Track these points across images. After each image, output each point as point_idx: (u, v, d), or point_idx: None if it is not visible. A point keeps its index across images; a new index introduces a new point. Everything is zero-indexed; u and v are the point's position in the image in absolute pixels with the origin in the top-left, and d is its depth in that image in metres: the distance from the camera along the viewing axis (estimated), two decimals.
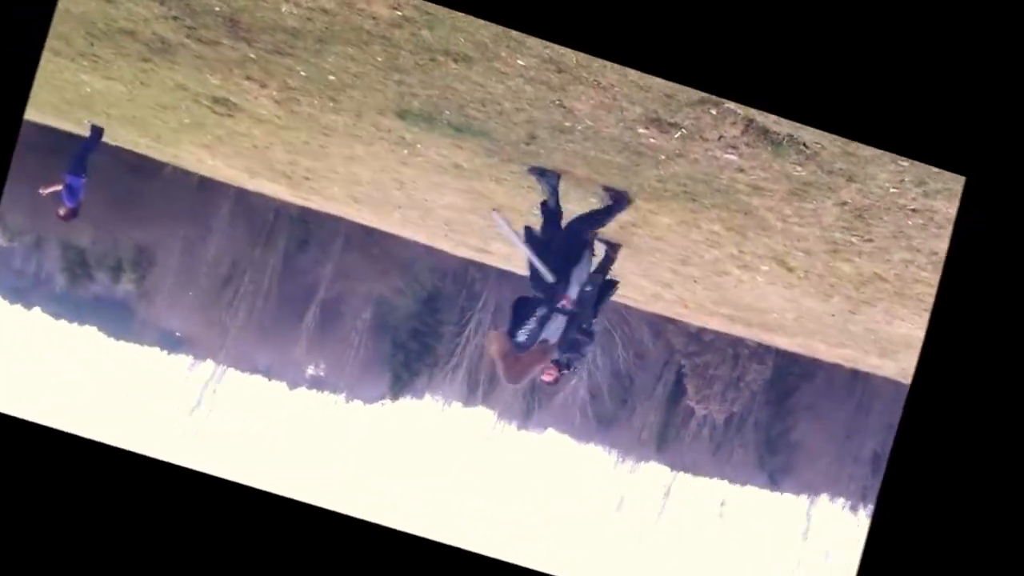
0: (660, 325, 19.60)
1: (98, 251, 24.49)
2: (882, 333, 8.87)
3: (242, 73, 6.46)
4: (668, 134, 5.11)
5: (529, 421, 22.63)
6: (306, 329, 22.61)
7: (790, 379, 20.06)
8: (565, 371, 6.65)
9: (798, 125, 4.60)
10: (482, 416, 22.92)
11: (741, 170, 5.32)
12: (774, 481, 21.81)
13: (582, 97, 4.95)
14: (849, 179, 4.99)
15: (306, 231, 21.50)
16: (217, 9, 5.45)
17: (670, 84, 4.52)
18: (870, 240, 5.84)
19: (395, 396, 23.21)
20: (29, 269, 27.11)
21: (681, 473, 22.28)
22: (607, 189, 6.46)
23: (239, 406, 24.98)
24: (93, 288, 26.51)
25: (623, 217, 7.02)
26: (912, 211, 5.17)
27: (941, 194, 4.84)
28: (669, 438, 21.96)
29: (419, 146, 6.88)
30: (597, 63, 4.50)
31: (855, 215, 5.47)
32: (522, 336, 6.03)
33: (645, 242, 7.81)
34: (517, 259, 12.41)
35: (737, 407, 20.81)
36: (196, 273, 23.18)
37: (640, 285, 10.12)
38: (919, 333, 8.25)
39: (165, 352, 25.94)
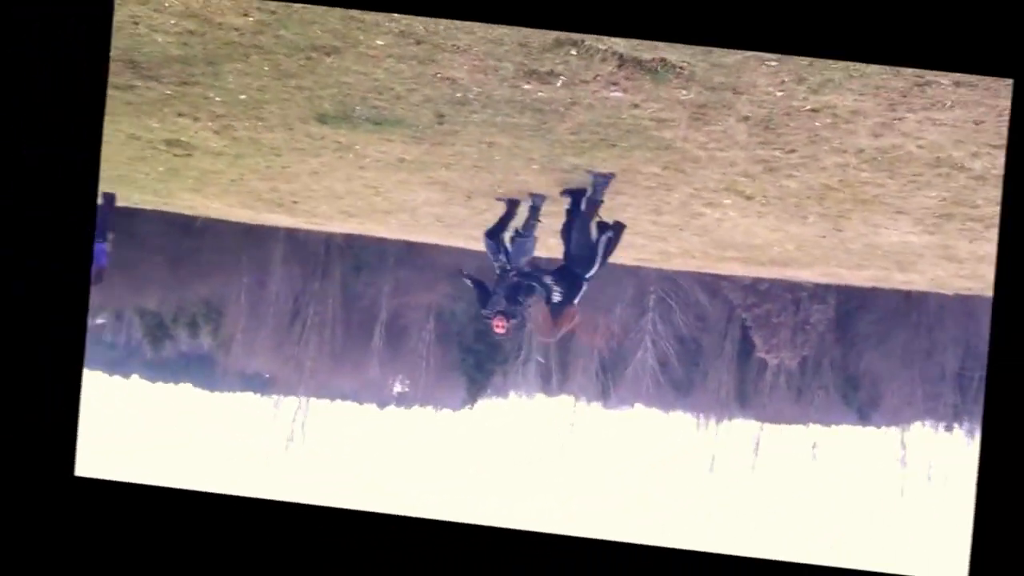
0: (713, 283, 19.33)
1: (170, 312, 25.22)
2: (881, 246, 8.64)
3: (171, 111, 6.64)
4: (551, 84, 5.11)
5: (608, 400, 22.52)
6: (376, 350, 22.92)
7: (852, 313, 19.56)
8: (513, 320, 7.63)
9: (660, 44, 4.56)
10: (563, 403, 22.91)
11: (636, 106, 5.29)
12: (863, 415, 21.25)
13: (454, 64, 4.99)
14: (734, 91, 4.93)
15: (356, 257, 21.82)
16: (111, 53, 5.62)
17: (518, 31, 4.53)
18: (793, 150, 5.73)
19: (474, 399, 23.37)
20: (120, 341, 28.13)
21: (767, 424, 21.87)
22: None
23: (332, 433, 25.43)
24: (178, 347, 27.37)
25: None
26: (812, 111, 5.07)
27: (826, 87, 4.74)
28: (748, 393, 21.60)
29: (357, 147, 6.97)
30: (443, 25, 4.54)
31: (763, 127, 5.38)
32: (556, 297, 6.91)
33: (620, 204, 7.79)
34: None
35: (807, 350, 20.38)
36: (264, 315, 23.70)
37: (641, 244, 10.02)
38: (912, 239, 8.06)
39: (252, 394, 26.56)
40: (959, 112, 4.81)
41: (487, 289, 8.04)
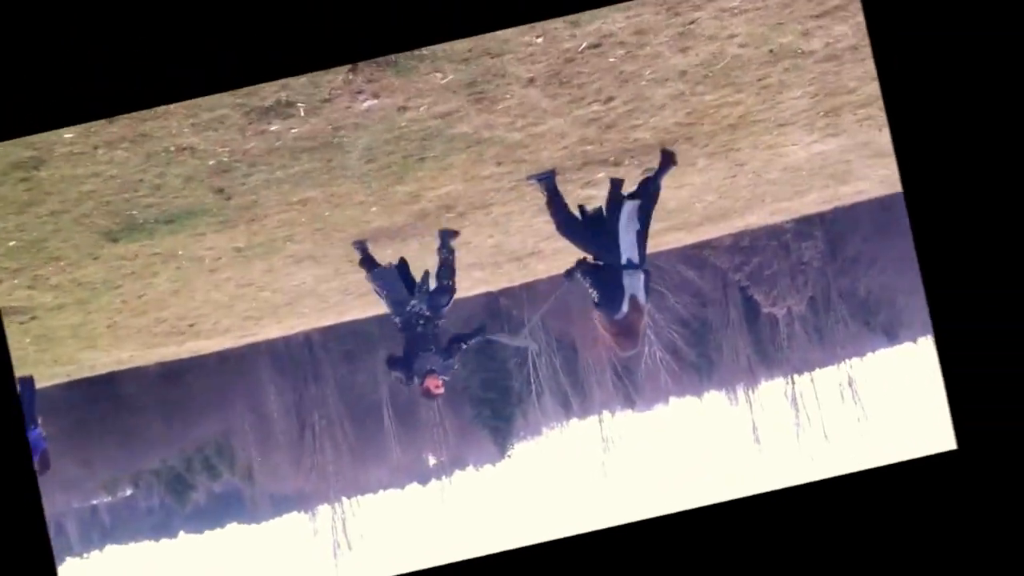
0: (695, 255, 18.45)
1: (182, 463, 24.67)
2: (800, 166, 7.87)
3: None
4: (295, 116, 4.36)
5: (636, 405, 21.67)
6: (392, 432, 22.17)
7: (842, 237, 18.61)
8: (446, 377, 6.78)
9: None
10: (591, 424, 22.08)
11: (404, 108, 4.52)
12: (891, 336, 20.26)
13: (172, 131, 4.24)
14: (490, 55, 4.16)
15: (340, 348, 21.13)
16: None
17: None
18: (611, 98, 4.95)
19: (504, 448, 22.56)
20: (154, 504, 27.67)
21: (798, 376, 20.92)
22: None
23: (378, 527, 24.72)
24: (211, 491, 26.85)
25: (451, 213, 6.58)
26: (594, 48, 4.29)
27: (582, 15, 3.97)
28: (768, 352, 20.67)
29: (180, 252, 6.24)
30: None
31: (557, 85, 4.61)
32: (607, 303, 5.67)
33: (502, 214, 7.08)
34: (512, 275, 11.66)
35: (810, 290, 19.45)
36: (272, 434, 23.06)
37: (564, 247, 9.23)
38: (820, 147, 7.24)
39: (296, 513, 25.97)
40: None
41: (398, 356, 7.10)
